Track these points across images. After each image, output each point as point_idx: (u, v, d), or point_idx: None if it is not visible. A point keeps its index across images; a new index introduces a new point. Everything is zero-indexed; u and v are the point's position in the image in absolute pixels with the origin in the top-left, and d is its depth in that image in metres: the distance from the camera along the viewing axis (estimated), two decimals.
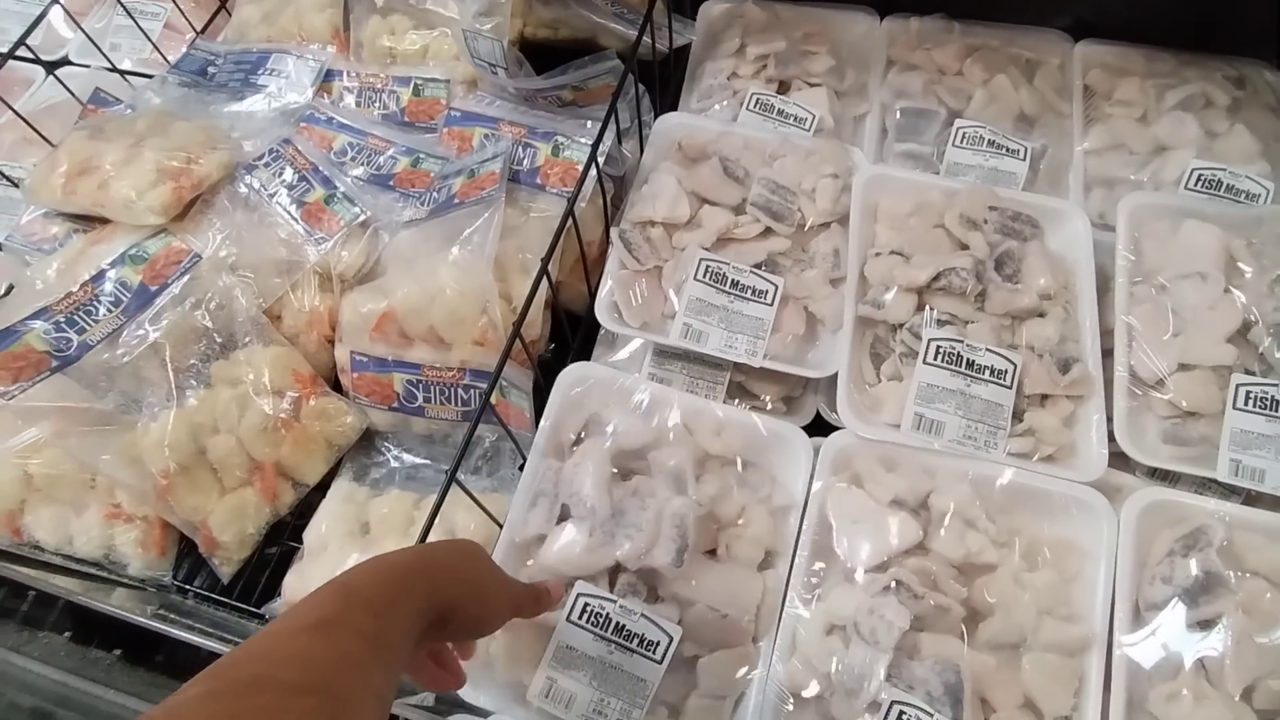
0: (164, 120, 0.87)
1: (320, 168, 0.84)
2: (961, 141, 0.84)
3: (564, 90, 0.82)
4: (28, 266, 0.83)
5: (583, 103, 0.84)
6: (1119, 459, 0.67)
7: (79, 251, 0.80)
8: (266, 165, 0.83)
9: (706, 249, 0.74)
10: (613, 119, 0.73)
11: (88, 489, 0.75)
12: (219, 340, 0.77)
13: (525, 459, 0.72)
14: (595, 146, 0.70)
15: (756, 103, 0.88)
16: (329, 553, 0.72)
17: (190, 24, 1.03)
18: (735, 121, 0.87)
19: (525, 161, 0.79)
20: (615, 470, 0.63)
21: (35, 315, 0.72)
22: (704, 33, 0.96)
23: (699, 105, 0.91)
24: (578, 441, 0.66)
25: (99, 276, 0.75)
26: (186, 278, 0.77)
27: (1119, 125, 0.85)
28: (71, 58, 1.10)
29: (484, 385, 0.75)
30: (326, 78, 0.93)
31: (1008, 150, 0.83)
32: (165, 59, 1.01)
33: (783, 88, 0.92)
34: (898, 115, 0.88)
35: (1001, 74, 0.88)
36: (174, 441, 0.72)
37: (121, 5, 1.00)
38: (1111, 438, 0.67)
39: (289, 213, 0.81)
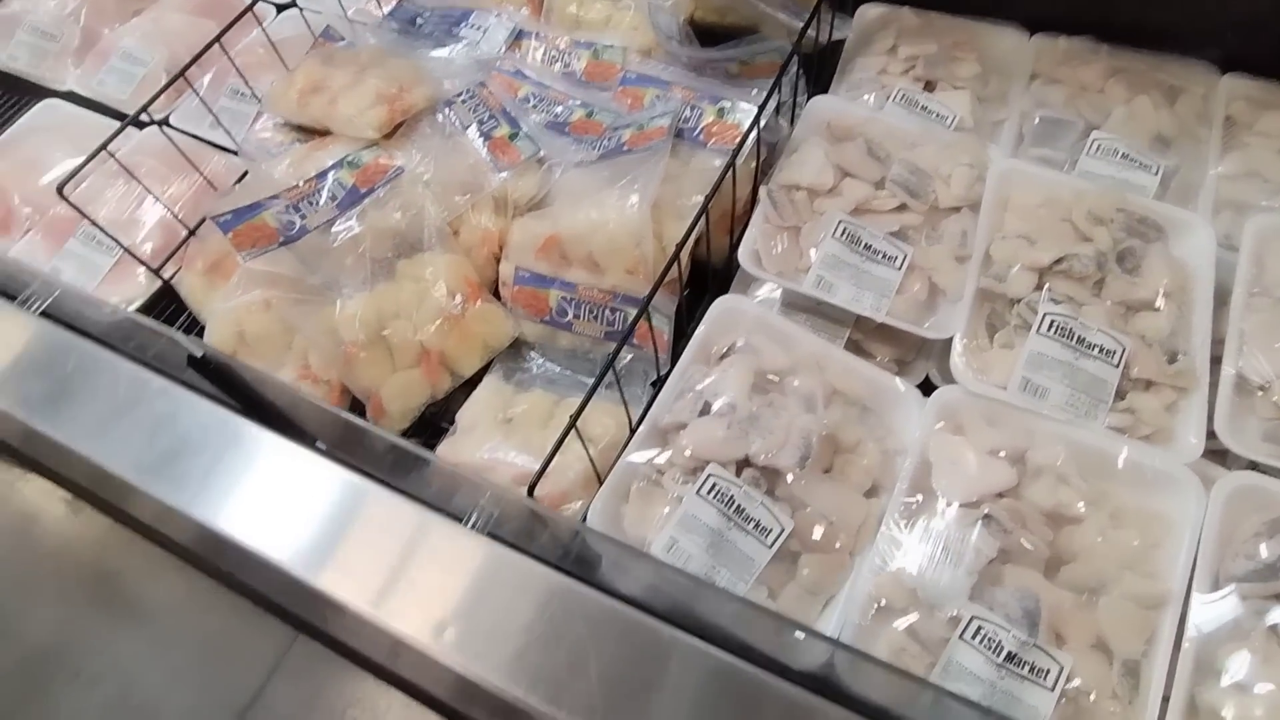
0: (381, 56, 1.01)
1: (508, 109, 0.96)
2: (1095, 151, 0.89)
3: (732, 63, 0.92)
4: (261, 163, 0.97)
5: (747, 77, 0.93)
6: (1214, 456, 0.71)
7: (304, 155, 0.94)
8: (463, 102, 0.96)
9: (846, 214, 0.82)
10: (775, 91, 0.82)
11: (286, 349, 0.89)
12: (407, 242, 0.90)
13: (659, 376, 0.82)
14: (761, 109, 0.79)
15: (903, 97, 0.96)
16: (477, 432, 0.83)
17: None
18: (881, 111, 0.95)
19: (691, 120, 0.89)
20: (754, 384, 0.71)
21: (271, 199, 0.86)
22: (859, 31, 1.04)
23: (847, 94, 0.99)
24: (723, 358, 0.74)
25: (322, 175, 0.89)
26: (389, 186, 0.90)
27: (1257, 154, 0.89)
28: (300, 2, 1.27)
29: (630, 309, 0.85)
30: (518, 36, 1.06)
31: (1140, 164, 0.88)
32: (380, 9, 1.15)
33: (928, 88, 0.99)
34: (1036, 122, 0.94)
35: (1144, 95, 0.93)
36: (364, 319, 0.85)
37: None
38: (1211, 435, 0.71)
39: (477, 144, 0.93)
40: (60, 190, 0.82)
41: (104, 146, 0.86)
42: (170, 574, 1.54)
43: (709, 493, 0.66)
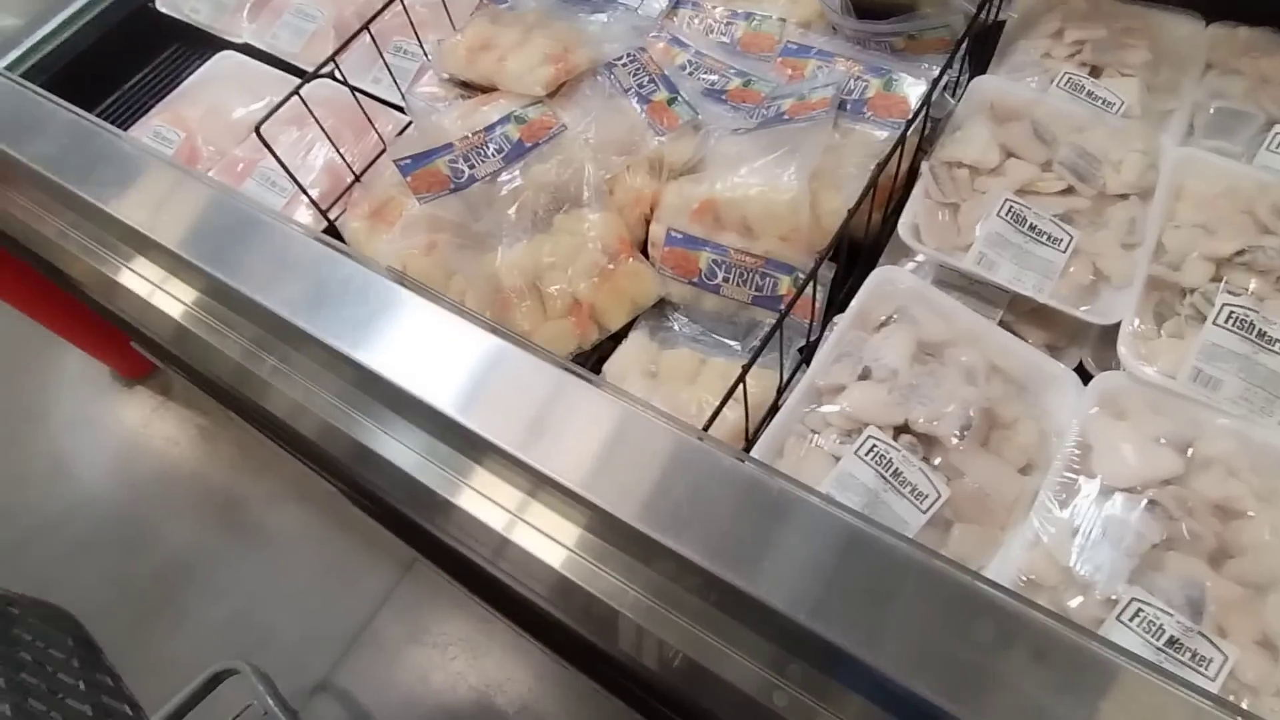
0: (544, 18, 1.04)
1: (668, 74, 0.98)
2: (1277, 146, 0.86)
3: (898, 38, 0.92)
4: (428, 116, 1.03)
5: (912, 53, 0.93)
6: None
7: (470, 109, 0.99)
8: (624, 65, 0.99)
9: (1011, 193, 0.81)
10: (949, 67, 0.81)
11: (445, 290, 0.94)
12: (566, 197, 0.93)
13: (808, 342, 0.84)
14: (934, 84, 0.79)
15: (1068, 81, 0.94)
16: (625, 383, 0.86)
17: None
18: (1046, 94, 0.94)
19: (855, 92, 0.89)
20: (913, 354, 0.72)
21: (443, 149, 0.91)
22: (1024, 12, 1.02)
23: (1009, 76, 0.97)
24: (882, 326, 0.76)
25: (490, 128, 0.94)
26: (551, 142, 0.93)
27: None
28: None
29: (780, 275, 0.87)
30: (674, 5, 1.08)
31: None
32: None
33: (1093, 73, 0.97)
34: (1211, 112, 0.91)
35: None
36: (522, 266, 0.89)
37: None
38: None
39: (637, 106, 0.96)
40: (258, 129, 0.89)
41: (296, 91, 0.93)
42: (294, 503, 1.65)
43: (867, 454, 0.67)
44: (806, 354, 0.84)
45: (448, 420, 0.64)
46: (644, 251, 0.95)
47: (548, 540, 0.70)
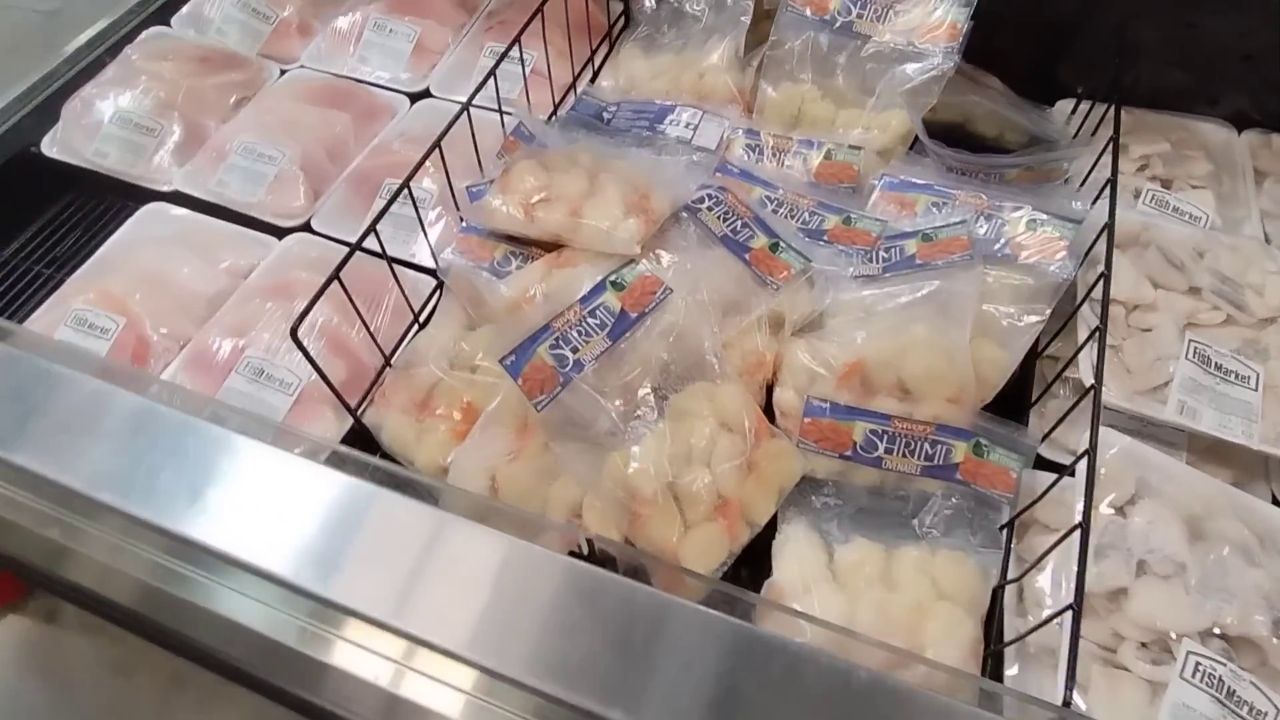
0: (598, 159, 0.90)
1: (760, 216, 0.87)
2: None
3: (1011, 170, 0.87)
4: (479, 281, 0.84)
5: (1023, 183, 0.88)
6: None
7: (542, 273, 0.82)
8: (710, 209, 0.86)
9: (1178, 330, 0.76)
10: (1102, 201, 0.76)
11: (541, 500, 0.75)
12: (682, 372, 0.78)
13: (1008, 520, 0.73)
14: (1111, 224, 0.73)
15: (1152, 198, 0.93)
16: (811, 597, 0.71)
17: (572, 70, 1.09)
18: (1133, 209, 0.92)
19: (989, 231, 0.82)
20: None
21: (541, 333, 0.74)
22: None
23: (1089, 197, 0.95)
24: (1127, 504, 0.66)
25: (586, 299, 0.77)
26: (659, 308, 0.78)
27: None
28: (434, 91, 1.15)
29: (953, 440, 0.76)
30: (730, 133, 0.97)
31: None
32: (529, 105, 1.04)
33: (1166, 186, 0.97)
34: None
35: None
36: (655, 464, 0.73)
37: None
38: None
39: (736, 256, 0.84)
40: (294, 334, 0.67)
41: (335, 276, 0.72)
42: None
43: (1195, 675, 0.57)
44: (1008, 533, 0.73)
45: None
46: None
47: None
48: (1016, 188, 0.86)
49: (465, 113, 0.85)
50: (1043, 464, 0.77)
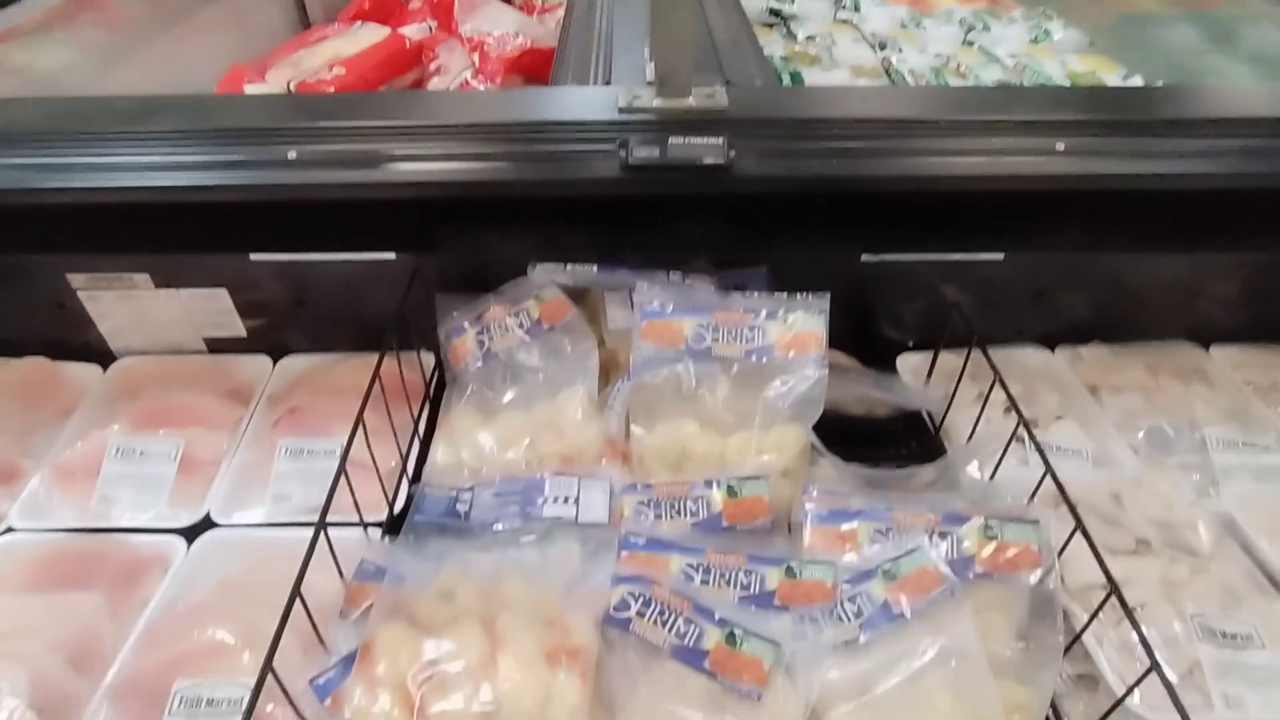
0: (482, 586, 0.71)
1: (697, 601, 0.71)
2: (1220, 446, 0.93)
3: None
4: None
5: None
6: None
7: None
8: (640, 613, 0.70)
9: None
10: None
11: None
12: None
13: None
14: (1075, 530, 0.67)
15: (1036, 449, 0.93)
16: None
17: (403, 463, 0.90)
18: (1027, 465, 0.91)
19: (950, 552, 0.73)
20: None
21: None
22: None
23: (983, 456, 0.93)
24: None
25: None
26: None
27: None
28: (217, 518, 0.90)
29: None
30: (620, 493, 0.84)
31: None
32: (356, 507, 0.83)
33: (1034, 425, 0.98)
34: (1141, 435, 0.97)
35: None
36: None
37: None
38: None
39: (696, 667, 0.67)
40: None
41: None
42: None
43: None
44: None
45: None
46: None
47: None
48: (943, 491, 0.80)
49: (320, 534, 0.63)
50: None
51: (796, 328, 0.87)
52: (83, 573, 0.83)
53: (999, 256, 0.99)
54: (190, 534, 0.88)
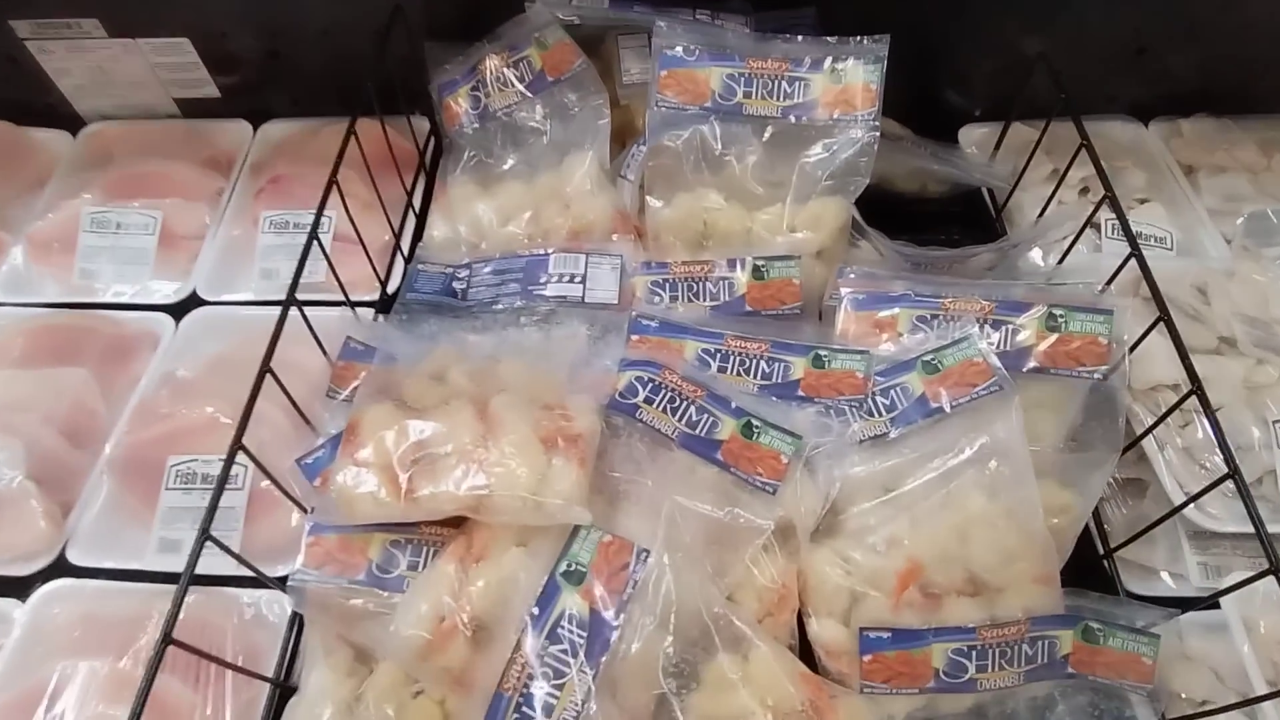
0: (476, 366, 0.65)
1: (712, 388, 0.65)
2: None
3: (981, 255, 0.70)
4: (361, 612, 0.56)
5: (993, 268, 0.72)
6: None
7: (456, 582, 0.55)
8: (649, 400, 0.64)
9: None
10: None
11: None
12: (687, 659, 0.55)
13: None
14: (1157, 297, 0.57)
15: (1115, 230, 0.80)
16: None
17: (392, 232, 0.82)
18: (1100, 252, 0.79)
19: (1002, 341, 0.65)
20: None
21: (495, 708, 0.48)
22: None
23: (1044, 235, 0.81)
24: None
25: (541, 617, 0.52)
26: (639, 589, 0.55)
27: None
28: (205, 294, 0.84)
29: (1055, 630, 0.58)
30: (630, 274, 0.75)
31: None
32: (339, 282, 0.75)
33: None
34: (1243, 220, 0.84)
35: None
36: None
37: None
38: None
39: (708, 458, 0.62)
40: None
41: (147, 689, 0.42)
42: None
43: None
44: None
45: None
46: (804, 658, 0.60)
47: None
48: (1002, 278, 0.70)
49: (291, 311, 0.57)
50: None
51: (846, 79, 0.72)
52: (72, 348, 0.79)
53: None
54: (178, 311, 0.83)
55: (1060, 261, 0.75)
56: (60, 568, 0.67)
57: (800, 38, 0.74)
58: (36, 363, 0.78)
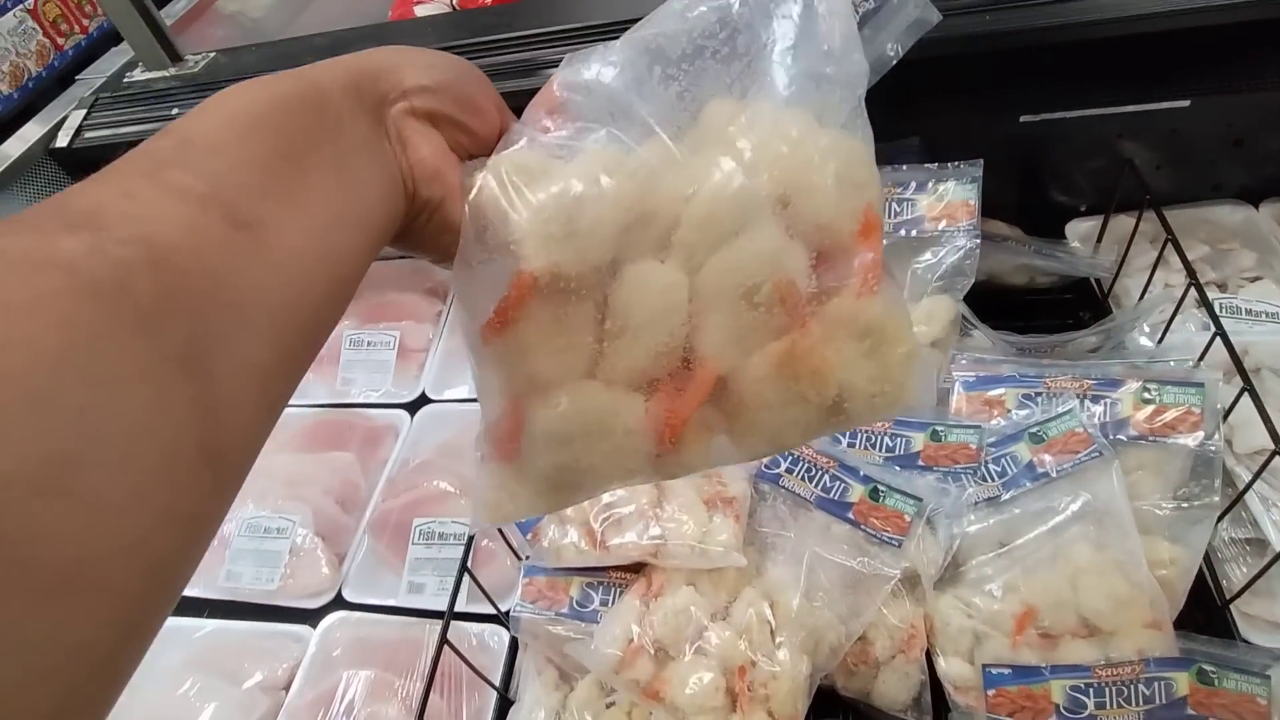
0: None
1: (843, 460, 0.78)
2: None
3: (1082, 340, 0.80)
4: (565, 636, 0.72)
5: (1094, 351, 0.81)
6: None
7: (640, 613, 0.70)
8: (789, 470, 0.77)
9: None
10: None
11: None
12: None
13: None
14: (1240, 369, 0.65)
15: (1221, 308, 0.87)
16: None
17: None
18: (1209, 330, 0.86)
19: (1101, 414, 0.74)
20: None
21: None
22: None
23: (1136, 316, 0.88)
24: None
25: None
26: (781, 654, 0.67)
27: None
28: (431, 394, 1.07)
29: (1170, 673, 0.64)
30: None
31: None
32: None
33: (1222, 288, 0.92)
34: None
35: None
36: None
37: None
38: None
39: (841, 517, 0.74)
40: None
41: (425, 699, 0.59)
42: None
43: None
44: None
45: None
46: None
47: None
48: (1107, 358, 0.79)
49: None
50: None
51: (947, 198, 0.86)
52: (339, 437, 1.04)
53: (1185, 103, 0.90)
54: (412, 408, 1.07)
55: (1160, 340, 0.83)
56: (338, 602, 0.88)
57: (904, 166, 0.89)
58: (315, 448, 1.03)
